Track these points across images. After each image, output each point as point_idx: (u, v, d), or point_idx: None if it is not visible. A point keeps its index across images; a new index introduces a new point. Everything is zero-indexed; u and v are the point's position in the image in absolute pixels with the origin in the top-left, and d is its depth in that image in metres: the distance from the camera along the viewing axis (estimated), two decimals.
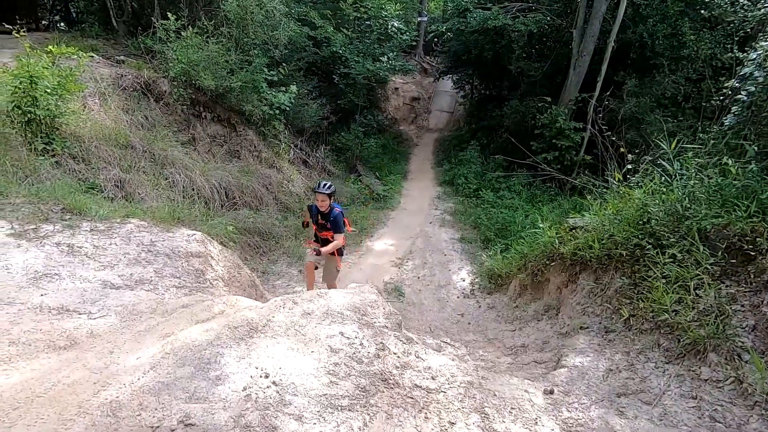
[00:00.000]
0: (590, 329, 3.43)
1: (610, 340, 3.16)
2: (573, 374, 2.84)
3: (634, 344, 2.92)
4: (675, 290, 2.88)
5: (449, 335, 4.74)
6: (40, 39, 7.96)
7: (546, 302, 4.61)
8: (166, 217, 3.78)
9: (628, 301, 3.25)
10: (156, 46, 7.81)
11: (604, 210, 4.17)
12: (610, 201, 4.21)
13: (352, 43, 11.79)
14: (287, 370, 2.19)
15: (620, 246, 3.55)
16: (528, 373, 3.39)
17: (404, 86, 20.59)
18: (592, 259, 3.89)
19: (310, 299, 2.95)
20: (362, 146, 12.03)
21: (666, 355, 2.70)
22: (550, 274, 4.62)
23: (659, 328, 2.86)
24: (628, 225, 3.61)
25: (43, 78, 4.65)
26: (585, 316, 3.69)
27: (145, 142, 6.12)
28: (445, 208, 9.72)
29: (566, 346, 3.35)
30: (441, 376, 2.64)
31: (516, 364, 3.76)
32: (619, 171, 4.52)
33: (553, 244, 4.55)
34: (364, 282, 5.99)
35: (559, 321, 4.16)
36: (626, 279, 3.37)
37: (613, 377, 2.73)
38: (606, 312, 3.48)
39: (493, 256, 6.50)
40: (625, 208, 3.80)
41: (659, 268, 3.09)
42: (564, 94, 10.72)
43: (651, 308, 2.98)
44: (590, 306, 3.72)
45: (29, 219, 3.06)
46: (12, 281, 2.41)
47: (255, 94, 8.33)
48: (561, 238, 4.51)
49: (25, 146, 4.49)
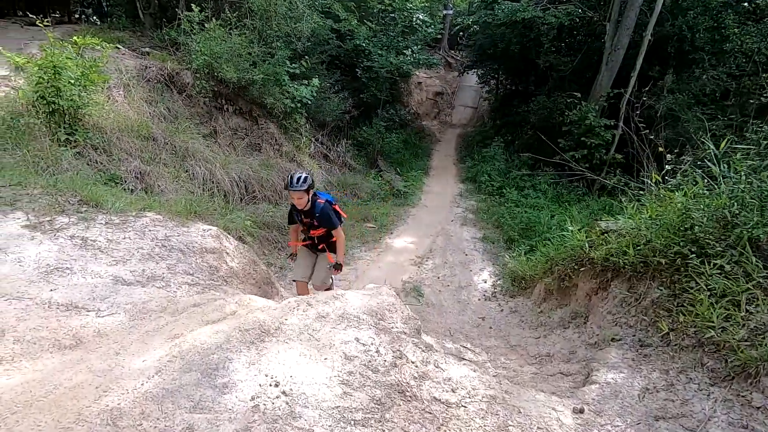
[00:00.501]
0: (623, 342, 3.20)
1: (646, 356, 2.92)
2: (605, 392, 2.63)
3: (674, 362, 2.68)
4: (722, 305, 2.62)
5: (469, 340, 4.56)
6: (69, 31, 8.08)
7: (573, 309, 4.37)
8: (182, 211, 3.73)
9: (666, 314, 3.01)
10: (180, 38, 7.82)
11: (640, 213, 3.90)
12: (647, 204, 3.93)
13: (376, 36, 11.60)
14: (298, 379, 2.07)
15: (658, 253, 3.30)
16: (554, 386, 3.19)
17: (428, 80, 20.27)
18: (626, 266, 3.63)
19: (326, 301, 2.83)
20: (384, 141, 11.87)
21: (711, 377, 2.46)
22: (579, 280, 4.37)
23: (703, 346, 2.61)
24: (667, 231, 3.34)
25: (66, 69, 4.65)
26: (617, 327, 3.45)
27: (167, 134, 6.12)
28: (467, 206, 9.48)
29: (596, 360, 3.13)
30: (462, 388, 2.48)
31: (540, 375, 3.55)
32: (657, 171, 4.22)
33: (583, 248, 4.30)
34: (383, 281, 5.86)
35: (587, 330, 3.92)
36: (665, 289, 3.12)
37: (650, 398, 2.51)
38: (641, 324, 3.23)
39: (516, 258, 6.26)
40: (665, 213, 3.52)
41: (704, 279, 2.83)
42: (595, 90, 10.28)
43: (693, 323, 2.74)
44: (623, 316, 3.47)
45: (45, 210, 3.03)
46: (23, 275, 2.37)
47: (277, 87, 8.26)
48: (591, 242, 4.25)
49: (48, 136, 4.51)
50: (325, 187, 8.93)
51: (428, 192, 10.61)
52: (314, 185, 3.68)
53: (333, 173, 9.80)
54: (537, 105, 11.65)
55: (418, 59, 12.87)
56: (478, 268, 6.56)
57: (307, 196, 3.55)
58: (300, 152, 9.08)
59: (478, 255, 7.06)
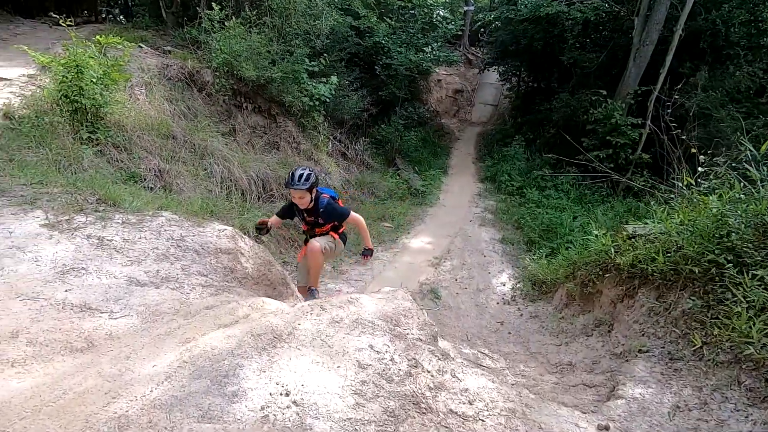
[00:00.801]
0: (651, 354, 3.04)
1: (677, 370, 2.76)
2: (632, 408, 2.49)
3: (708, 378, 2.52)
4: (763, 319, 2.45)
5: (487, 345, 4.44)
6: (95, 30, 8.21)
7: (596, 316, 4.21)
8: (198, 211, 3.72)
9: (699, 326, 2.84)
10: (201, 36, 7.88)
11: (670, 218, 3.70)
12: (678, 208, 3.74)
13: (396, 33, 11.49)
14: (310, 388, 2.01)
15: (691, 261, 3.12)
16: (576, 398, 3.06)
17: (447, 78, 20.03)
18: (655, 274, 3.46)
19: (340, 305, 2.76)
20: (402, 139, 11.76)
21: (749, 396, 2.30)
22: (603, 286, 4.20)
23: (740, 363, 2.44)
24: (701, 237, 3.16)
25: (89, 68, 4.71)
26: (644, 338, 3.29)
27: (187, 132, 6.17)
28: (486, 206, 9.31)
29: (622, 372, 2.98)
30: (479, 400, 2.38)
31: (562, 385, 3.42)
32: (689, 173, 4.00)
33: (608, 253, 4.13)
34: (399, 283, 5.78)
35: (611, 339, 3.76)
36: (698, 300, 2.94)
37: (681, 416, 2.36)
38: (670, 336, 3.07)
39: (537, 260, 6.08)
40: (699, 218, 3.33)
41: (741, 290, 2.65)
42: (621, 87, 9.93)
43: (729, 337, 2.57)
44: (651, 326, 3.31)
45: (64, 209, 3.06)
46: (39, 275, 2.38)
47: (296, 85, 8.25)
48: (617, 247, 4.07)
49: (71, 135, 4.58)
50: (343, 185, 8.89)
51: (446, 191, 10.47)
52: (318, 182, 3.34)
53: (351, 171, 9.76)
54: (560, 103, 11.35)
55: (438, 56, 12.70)
56: (496, 271, 6.41)
57: (309, 195, 3.25)
58: (318, 150, 9.06)
59: (497, 257, 6.91)
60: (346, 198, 8.58)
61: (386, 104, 12.43)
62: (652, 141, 9.29)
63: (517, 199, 9.42)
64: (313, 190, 3.29)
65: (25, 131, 4.32)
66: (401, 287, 4.00)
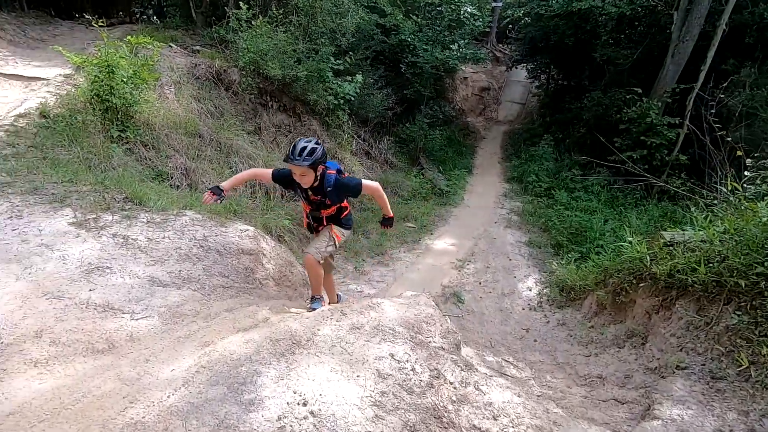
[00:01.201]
0: (690, 371, 2.85)
1: (719, 391, 2.57)
2: (670, 431, 2.33)
3: (755, 402, 2.33)
4: None
5: (512, 353, 4.30)
6: (128, 30, 8.43)
7: (629, 327, 4.00)
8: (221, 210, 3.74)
9: (745, 344, 2.64)
10: (228, 35, 7.97)
11: (713, 225, 3.47)
12: (722, 215, 3.50)
13: (422, 30, 11.34)
14: (328, 398, 1.95)
15: (736, 273, 2.91)
16: (607, 414, 2.90)
17: (474, 75, 19.71)
18: (695, 285, 3.25)
19: (361, 311, 2.70)
20: (426, 138, 11.61)
21: None
22: (637, 295, 3.99)
23: None
24: (748, 248, 2.94)
25: (120, 67, 4.80)
26: (682, 353, 3.09)
27: (213, 131, 6.24)
28: (512, 207, 9.07)
29: (658, 390, 2.80)
30: (504, 416, 2.27)
31: (591, 399, 3.25)
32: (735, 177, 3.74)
33: (643, 261, 3.91)
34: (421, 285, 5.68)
35: (645, 352, 3.56)
36: (744, 315, 2.74)
37: None
38: (712, 352, 2.87)
39: (565, 265, 5.86)
40: (746, 227, 3.10)
41: None
42: (658, 85, 9.49)
43: None
44: (690, 341, 3.11)
45: (92, 208, 3.11)
46: (65, 273, 2.41)
47: (321, 83, 8.25)
48: (653, 255, 3.86)
49: (101, 133, 4.68)
50: None
51: (471, 192, 10.27)
52: (326, 158, 2.81)
53: (374, 171, 9.71)
54: (591, 101, 10.95)
55: (465, 54, 12.46)
56: (522, 275, 6.22)
57: (313, 173, 2.73)
58: (342, 149, 9.04)
59: (523, 260, 6.70)
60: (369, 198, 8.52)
61: (411, 103, 12.30)
62: (690, 141, 8.85)
63: (545, 200, 9.14)
64: (319, 168, 2.75)
65: (59, 129, 4.45)
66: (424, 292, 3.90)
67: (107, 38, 5.04)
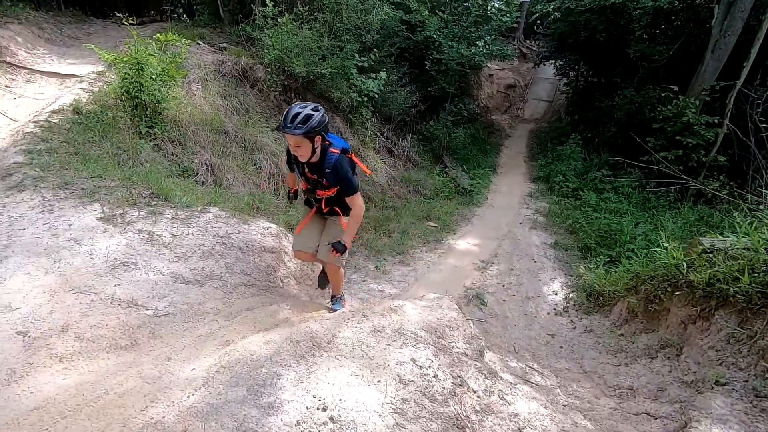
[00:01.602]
0: (731, 388, 2.68)
1: (764, 410, 2.41)
2: None
3: None
4: None
5: (537, 359, 4.17)
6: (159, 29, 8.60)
7: (663, 336, 3.81)
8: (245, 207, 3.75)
9: None
10: (254, 33, 8.03)
11: (759, 232, 3.26)
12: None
13: (447, 26, 11.16)
14: (348, 404, 1.90)
15: None
16: (638, 429, 2.77)
17: (499, 72, 19.35)
18: (738, 295, 3.05)
19: (382, 313, 2.64)
20: (450, 136, 11.45)
21: None
22: (672, 304, 3.79)
23: None
24: None
25: (149, 65, 4.88)
26: (722, 368, 2.92)
27: (238, 127, 6.29)
28: (538, 208, 8.84)
29: (696, 407, 2.65)
30: (530, 428, 2.18)
31: (621, 412, 3.11)
32: None
33: (680, 268, 3.72)
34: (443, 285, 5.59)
35: (681, 364, 3.39)
36: None
37: None
38: (756, 368, 2.69)
39: (593, 269, 5.66)
40: None
41: None
42: (695, 82, 9.06)
43: None
44: (731, 356, 2.93)
45: (119, 203, 3.16)
46: (92, 268, 2.45)
47: (345, 80, 8.22)
48: (691, 262, 3.65)
49: (131, 129, 4.77)
50: (389, 182, 8.76)
51: (495, 191, 10.08)
52: (326, 127, 2.46)
53: (397, 168, 9.63)
54: (623, 99, 10.56)
55: (491, 50, 12.22)
56: (548, 278, 6.04)
57: (309, 144, 2.39)
58: (365, 147, 9.01)
59: (549, 263, 6.51)
60: (391, 196, 8.45)
61: (435, 100, 12.15)
62: (730, 142, 8.43)
63: (572, 201, 8.87)
64: (317, 139, 2.41)
65: (91, 125, 4.55)
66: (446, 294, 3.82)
67: (137, 36, 5.13)
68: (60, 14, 10.11)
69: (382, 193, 8.27)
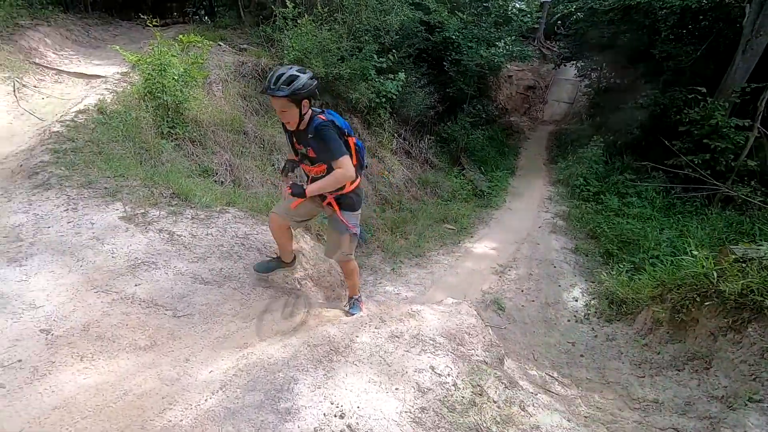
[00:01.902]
0: (766, 405, 2.55)
1: None
2: None
3: None
4: None
5: (556, 368, 4.06)
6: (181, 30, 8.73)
7: (690, 348, 3.67)
8: (263, 207, 3.76)
9: None
10: (274, 34, 8.09)
11: None
12: None
13: (467, 27, 11.06)
14: (366, 411, 1.87)
15: None
16: None
17: (519, 73, 19.11)
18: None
19: (400, 318, 2.60)
20: (468, 138, 11.34)
21: None
22: (700, 314, 3.65)
23: None
24: None
25: (171, 66, 4.95)
26: (756, 383, 2.79)
27: (257, 128, 6.34)
28: (558, 212, 8.67)
29: (729, 424, 2.53)
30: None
31: (646, 426, 3.00)
32: None
33: (709, 277, 3.58)
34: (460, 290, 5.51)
35: (710, 378, 3.25)
36: None
37: None
38: None
39: (615, 276, 5.50)
40: None
41: None
42: (725, 84, 8.76)
43: None
44: (765, 371, 2.79)
45: (141, 203, 3.20)
46: (114, 267, 2.47)
47: (363, 81, 8.21)
48: (721, 271, 3.51)
49: (153, 129, 4.84)
50: (405, 184, 8.71)
51: (514, 194, 9.93)
52: (313, 92, 2.24)
53: (414, 170, 9.58)
54: (648, 101, 10.28)
55: (511, 51, 12.06)
56: (568, 284, 5.90)
57: (296, 109, 2.20)
58: (382, 148, 8.98)
59: (569, 268, 6.37)
60: (408, 198, 8.40)
61: (453, 101, 12.05)
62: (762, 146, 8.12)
63: (593, 205, 8.66)
64: (304, 103, 2.22)
65: (114, 125, 4.63)
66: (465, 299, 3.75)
67: (160, 37, 5.21)
68: (87, 16, 10.37)
69: (399, 194, 8.22)
